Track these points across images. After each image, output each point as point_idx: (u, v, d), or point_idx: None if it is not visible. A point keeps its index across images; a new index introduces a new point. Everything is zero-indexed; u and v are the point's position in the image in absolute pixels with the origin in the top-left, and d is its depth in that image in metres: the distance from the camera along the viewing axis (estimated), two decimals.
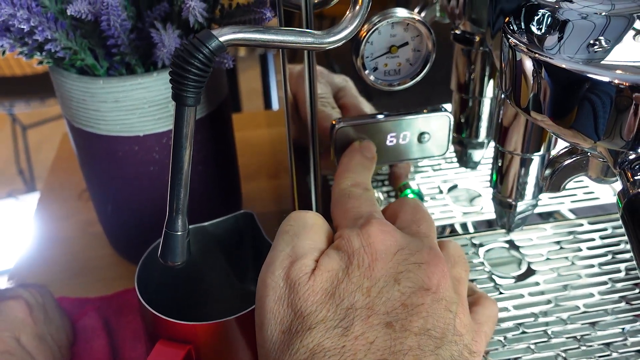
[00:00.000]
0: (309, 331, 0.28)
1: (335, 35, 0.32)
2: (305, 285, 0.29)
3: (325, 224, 0.34)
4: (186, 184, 0.32)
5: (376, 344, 0.27)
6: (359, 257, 0.30)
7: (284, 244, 0.32)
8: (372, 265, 0.30)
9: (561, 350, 0.39)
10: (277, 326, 0.29)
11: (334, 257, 0.31)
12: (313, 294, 0.29)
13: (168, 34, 0.41)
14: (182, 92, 0.30)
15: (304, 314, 0.28)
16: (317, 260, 0.31)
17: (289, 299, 0.29)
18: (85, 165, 0.53)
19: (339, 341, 0.27)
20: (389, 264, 0.30)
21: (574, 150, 0.35)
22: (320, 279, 0.29)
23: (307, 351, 0.27)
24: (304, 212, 0.34)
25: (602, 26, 0.29)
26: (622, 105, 0.26)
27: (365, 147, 0.41)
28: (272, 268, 0.31)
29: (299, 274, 0.30)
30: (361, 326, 0.28)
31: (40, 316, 0.44)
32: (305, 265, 0.30)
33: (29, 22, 0.40)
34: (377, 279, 0.29)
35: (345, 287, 0.29)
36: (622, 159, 0.27)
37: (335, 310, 0.28)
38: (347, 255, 0.30)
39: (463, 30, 0.41)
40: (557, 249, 0.47)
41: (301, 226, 0.33)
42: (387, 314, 0.28)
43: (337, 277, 0.30)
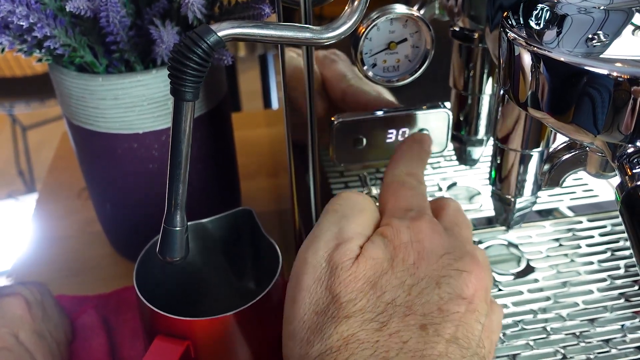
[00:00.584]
0: (346, 319, 0.27)
1: (334, 31, 0.32)
2: (347, 271, 0.29)
3: (376, 210, 0.34)
4: (185, 180, 0.32)
5: (409, 345, 0.27)
6: (405, 252, 0.30)
7: (331, 222, 0.32)
8: (418, 263, 0.30)
9: (560, 346, 0.39)
10: (311, 306, 0.29)
11: (379, 245, 0.30)
12: (354, 281, 0.28)
13: (167, 30, 0.41)
14: (180, 87, 0.30)
15: (342, 299, 0.28)
16: (362, 247, 0.30)
17: (328, 281, 0.29)
18: (84, 163, 0.53)
19: (374, 335, 0.27)
20: (434, 265, 0.30)
21: (573, 145, 0.35)
22: (363, 266, 0.29)
23: (340, 339, 0.27)
24: (355, 194, 0.34)
25: (601, 20, 0.29)
26: (621, 98, 0.26)
27: (424, 138, 0.40)
28: (315, 246, 0.31)
29: (343, 257, 0.29)
30: (397, 324, 0.27)
31: (39, 313, 0.44)
32: (351, 250, 0.30)
33: (28, 19, 0.40)
34: (420, 278, 0.29)
35: (388, 280, 0.29)
36: (620, 152, 0.27)
37: (375, 302, 0.28)
38: (393, 247, 0.30)
39: (462, 27, 0.41)
40: (556, 246, 0.47)
41: (350, 208, 0.32)
42: (424, 316, 0.28)
43: (382, 268, 0.29)
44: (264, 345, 0.39)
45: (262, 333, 0.38)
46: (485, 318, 0.30)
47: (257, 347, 0.38)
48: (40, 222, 0.64)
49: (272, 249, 0.41)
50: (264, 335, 0.38)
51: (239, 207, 0.44)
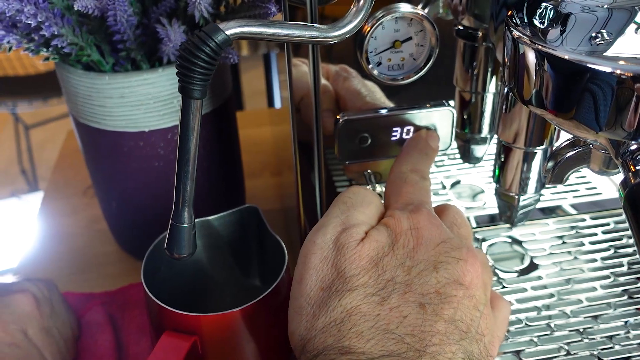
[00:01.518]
0: (349, 292, 0.29)
1: (340, 30, 0.32)
2: (353, 250, 0.31)
3: (381, 205, 0.36)
4: (192, 177, 0.32)
5: (408, 319, 0.28)
6: (405, 238, 0.32)
7: (339, 211, 0.34)
8: (416, 248, 0.32)
9: (564, 343, 0.39)
10: (317, 283, 0.31)
11: (382, 232, 0.32)
12: (359, 259, 0.31)
13: (174, 29, 0.41)
14: (188, 85, 0.30)
15: (346, 275, 0.30)
16: (367, 232, 0.32)
17: (334, 259, 0.31)
18: (90, 161, 0.53)
19: (375, 309, 0.29)
20: (431, 251, 0.31)
21: (576, 142, 0.35)
22: (368, 246, 0.31)
23: (344, 311, 0.29)
24: (363, 189, 0.36)
25: (604, 19, 0.29)
26: (624, 95, 0.26)
27: (431, 136, 0.42)
28: (323, 230, 0.33)
29: (349, 239, 0.32)
30: (397, 299, 0.29)
31: (47, 310, 0.45)
32: (356, 233, 0.32)
33: (36, 18, 0.40)
34: (419, 261, 0.31)
35: (389, 261, 0.31)
36: (623, 149, 0.27)
37: (377, 279, 0.30)
38: (394, 234, 0.32)
39: (466, 26, 0.41)
40: (560, 244, 0.47)
41: (359, 200, 0.35)
42: (423, 295, 0.29)
43: (384, 250, 0.31)
44: (270, 341, 0.39)
45: (269, 329, 0.38)
46: (484, 308, 0.32)
47: (264, 343, 0.38)
48: (46, 220, 0.65)
49: (278, 246, 0.41)
50: (270, 331, 0.39)
51: (245, 205, 0.44)
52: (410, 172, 0.38)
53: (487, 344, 0.31)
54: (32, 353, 0.41)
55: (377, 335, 0.28)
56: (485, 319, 0.32)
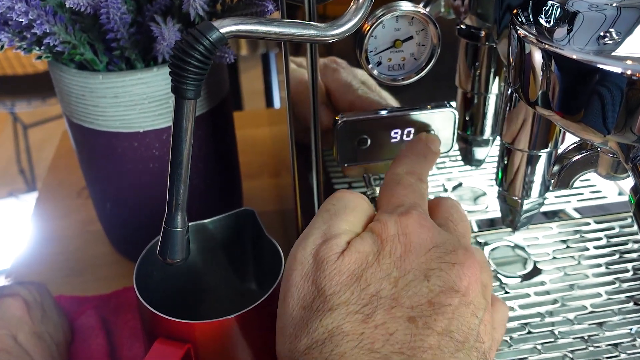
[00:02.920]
0: (330, 312, 0.28)
1: (339, 28, 0.31)
2: (332, 265, 0.29)
3: (369, 208, 0.34)
4: (186, 179, 0.31)
5: (395, 336, 0.27)
6: (392, 245, 0.30)
7: (321, 222, 0.32)
8: (404, 256, 0.29)
9: (568, 350, 0.38)
10: (299, 301, 0.29)
11: (366, 240, 0.30)
12: (339, 274, 0.29)
13: (168, 27, 0.40)
14: (181, 85, 0.29)
15: (326, 293, 0.28)
16: (350, 242, 0.30)
17: (314, 275, 0.29)
18: (84, 162, 0.52)
19: (359, 327, 0.27)
20: (421, 258, 0.29)
21: (584, 145, 0.34)
22: (348, 259, 0.29)
23: (325, 332, 0.27)
24: (349, 193, 0.34)
25: (613, 18, 0.28)
26: (634, 97, 0.25)
27: (431, 139, 0.40)
28: (304, 243, 0.31)
29: (329, 252, 0.30)
30: (383, 316, 0.27)
31: (38, 314, 0.44)
32: (336, 245, 0.30)
33: (27, 15, 0.39)
34: (407, 271, 0.29)
35: (373, 273, 0.29)
36: (634, 153, 0.26)
37: (360, 295, 0.28)
38: (380, 240, 0.30)
39: (468, 25, 0.40)
40: (564, 248, 0.46)
41: (342, 207, 0.33)
42: (412, 308, 0.28)
43: (367, 261, 0.29)
44: (266, 348, 0.38)
45: (264, 336, 0.37)
46: (484, 313, 0.30)
47: (259, 349, 0.37)
48: (40, 222, 0.64)
49: (275, 250, 0.40)
50: (266, 338, 0.38)
51: (241, 208, 0.43)
52: (406, 174, 0.36)
53: (487, 350, 0.30)
54: (22, 358, 0.40)
55: (362, 356, 0.26)
56: (485, 325, 0.30)
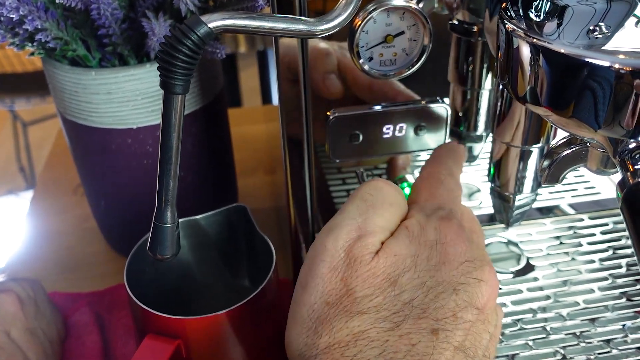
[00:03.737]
0: (359, 315, 0.27)
1: (328, 23, 0.31)
2: (367, 265, 0.28)
3: (405, 205, 0.32)
4: (175, 175, 0.31)
5: (417, 348, 0.26)
6: (430, 252, 0.29)
7: (357, 211, 0.30)
8: (439, 266, 0.29)
9: (560, 346, 0.38)
10: (323, 295, 0.28)
11: (403, 241, 0.29)
12: (372, 277, 0.28)
13: (159, 23, 0.40)
14: (170, 80, 0.29)
15: (357, 294, 0.27)
16: (384, 242, 0.29)
17: (345, 273, 0.28)
18: (78, 159, 0.52)
19: (385, 334, 0.26)
20: (454, 271, 0.29)
21: (573, 140, 0.34)
22: (384, 262, 0.28)
23: (350, 334, 0.26)
24: (387, 185, 0.32)
25: (603, 11, 0.28)
26: (623, 91, 0.25)
27: (461, 148, 0.40)
28: (336, 233, 0.29)
29: (363, 251, 0.28)
30: (410, 325, 0.27)
31: (32, 310, 0.44)
32: (372, 244, 0.29)
33: (18, 12, 0.39)
34: (439, 282, 0.28)
35: (410, 278, 0.28)
36: (622, 148, 0.26)
37: (392, 300, 0.27)
38: (418, 243, 0.29)
39: (461, 21, 0.40)
40: (557, 244, 0.46)
41: (380, 199, 0.31)
42: (437, 320, 0.27)
43: (404, 264, 0.28)
44: (257, 344, 0.38)
45: (255, 331, 0.37)
46: (494, 329, 0.30)
47: (250, 345, 0.37)
48: (35, 218, 0.64)
49: (266, 246, 0.40)
50: (257, 333, 0.38)
51: (233, 204, 0.43)
52: (448, 175, 0.35)
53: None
54: (15, 354, 0.40)
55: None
56: (494, 341, 0.30)
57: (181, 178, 0.50)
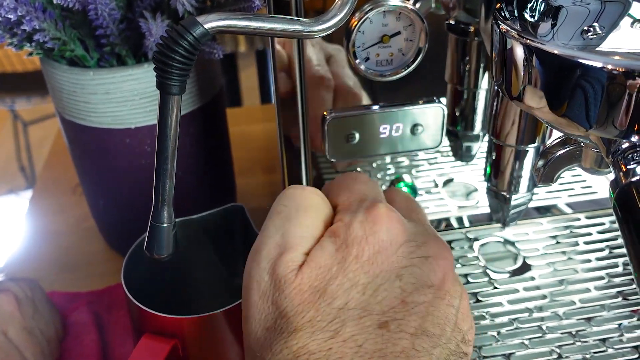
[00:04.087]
0: (295, 333, 0.26)
1: (324, 24, 0.31)
2: (292, 284, 0.27)
3: (324, 204, 0.31)
4: (172, 175, 0.31)
5: (365, 347, 0.25)
6: (359, 248, 0.28)
7: (274, 229, 0.29)
8: (373, 258, 0.27)
9: (556, 345, 0.38)
10: (261, 322, 0.27)
11: (328, 249, 0.28)
12: (300, 293, 0.27)
13: (156, 23, 0.40)
14: (166, 81, 0.29)
15: (289, 314, 0.26)
16: (309, 252, 0.28)
17: (273, 296, 0.27)
18: (77, 159, 0.53)
19: (326, 344, 0.25)
20: (392, 257, 0.28)
21: (568, 140, 0.34)
22: (308, 276, 0.27)
23: (290, 353, 0.25)
24: (300, 190, 0.31)
25: (597, 12, 0.28)
26: (615, 92, 0.25)
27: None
28: (258, 258, 0.29)
29: (286, 270, 0.27)
30: (352, 328, 0.26)
31: (29, 310, 0.44)
32: (293, 261, 0.28)
33: (16, 12, 0.39)
34: (376, 274, 0.27)
35: (339, 284, 0.27)
36: (615, 148, 0.26)
37: (325, 310, 0.26)
38: (345, 245, 0.28)
39: (457, 21, 0.40)
40: (554, 244, 0.46)
41: (294, 208, 0.30)
42: (383, 313, 0.26)
43: (330, 273, 0.27)
44: None
45: None
46: (460, 300, 0.28)
47: None
48: (34, 218, 0.64)
49: None
50: None
51: (230, 204, 0.43)
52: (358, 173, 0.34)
53: (466, 333, 0.28)
54: (12, 354, 0.40)
55: None
56: (463, 311, 0.29)
57: (179, 178, 0.50)
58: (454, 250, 0.46)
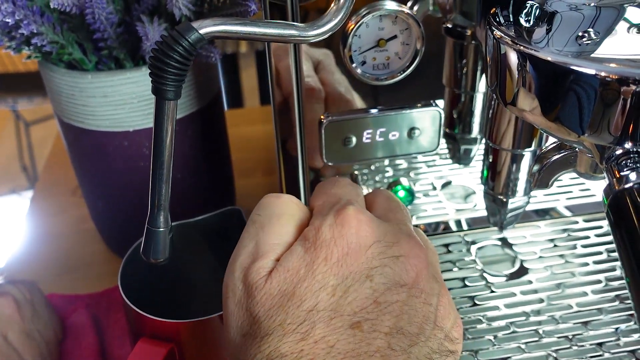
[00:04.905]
0: (266, 337, 0.26)
1: (319, 29, 0.31)
2: (262, 290, 0.27)
3: (299, 211, 0.31)
4: (168, 180, 0.31)
5: (337, 347, 0.25)
6: (327, 250, 0.28)
7: (248, 238, 0.30)
8: (342, 260, 0.27)
9: (552, 350, 0.38)
10: (238, 329, 0.28)
11: (297, 253, 0.28)
12: (270, 299, 0.27)
13: (153, 27, 0.40)
14: (161, 86, 0.29)
15: (260, 319, 0.27)
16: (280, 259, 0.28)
17: (247, 303, 0.28)
18: (76, 161, 0.53)
19: (297, 346, 0.26)
20: (361, 258, 0.27)
21: (563, 145, 0.34)
22: (277, 281, 0.27)
23: (263, 357, 0.26)
24: (275, 198, 0.31)
25: (592, 18, 0.28)
26: (608, 99, 0.25)
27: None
28: (232, 268, 0.29)
29: (256, 277, 0.28)
30: (323, 329, 0.26)
31: (28, 313, 0.44)
32: (263, 268, 0.28)
33: (14, 16, 0.40)
34: (345, 276, 0.27)
35: (307, 287, 0.27)
36: (608, 154, 0.26)
37: (295, 313, 0.26)
38: (313, 248, 0.28)
39: (454, 24, 0.40)
40: (551, 247, 0.46)
41: (268, 216, 0.30)
42: (355, 314, 0.26)
43: (298, 276, 0.27)
44: None
45: None
46: (439, 297, 0.28)
47: None
48: (34, 220, 0.64)
49: None
50: None
51: (228, 207, 0.43)
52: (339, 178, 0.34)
53: (449, 330, 0.28)
54: (11, 357, 0.40)
55: None
56: (443, 307, 0.28)
57: (178, 181, 0.51)
58: (451, 253, 0.46)
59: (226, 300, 0.29)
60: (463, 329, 0.32)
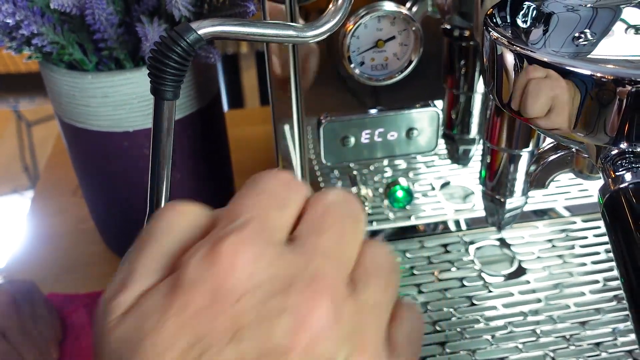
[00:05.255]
0: None
1: (317, 29, 0.31)
2: (110, 334, 0.20)
3: (187, 227, 0.23)
4: (167, 179, 0.32)
5: None
6: (185, 297, 0.20)
7: (126, 258, 0.23)
8: (201, 312, 0.19)
9: (550, 349, 0.38)
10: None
11: (158, 293, 0.20)
12: (115, 350, 0.20)
13: (153, 27, 0.40)
14: (160, 86, 0.29)
15: None
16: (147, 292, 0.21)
17: (95, 347, 0.21)
18: (76, 161, 0.53)
19: None
20: (229, 310, 0.19)
21: (560, 145, 0.35)
22: (125, 327, 0.20)
23: None
24: (169, 208, 0.23)
25: (588, 18, 0.28)
26: (605, 99, 0.25)
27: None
28: (104, 294, 0.22)
29: (109, 317, 0.21)
30: None
31: (27, 312, 0.44)
32: (119, 305, 0.21)
33: (14, 17, 0.40)
34: (204, 334, 0.19)
35: (151, 345, 0.19)
36: (604, 154, 0.26)
37: None
38: (173, 291, 0.20)
39: (453, 25, 0.40)
40: (549, 247, 0.46)
41: (153, 233, 0.23)
42: None
43: (146, 328, 0.20)
44: None
45: None
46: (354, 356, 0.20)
47: None
48: (35, 220, 0.64)
49: None
50: None
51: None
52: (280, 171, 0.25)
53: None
54: (11, 356, 0.40)
55: None
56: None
57: (177, 181, 0.51)
58: (449, 253, 0.46)
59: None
60: None
